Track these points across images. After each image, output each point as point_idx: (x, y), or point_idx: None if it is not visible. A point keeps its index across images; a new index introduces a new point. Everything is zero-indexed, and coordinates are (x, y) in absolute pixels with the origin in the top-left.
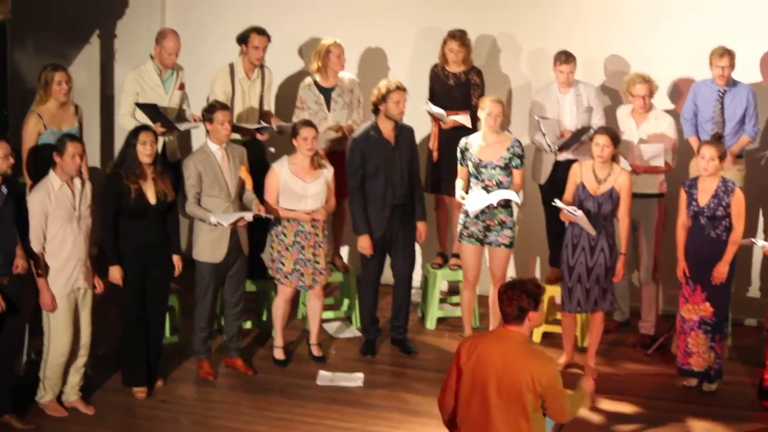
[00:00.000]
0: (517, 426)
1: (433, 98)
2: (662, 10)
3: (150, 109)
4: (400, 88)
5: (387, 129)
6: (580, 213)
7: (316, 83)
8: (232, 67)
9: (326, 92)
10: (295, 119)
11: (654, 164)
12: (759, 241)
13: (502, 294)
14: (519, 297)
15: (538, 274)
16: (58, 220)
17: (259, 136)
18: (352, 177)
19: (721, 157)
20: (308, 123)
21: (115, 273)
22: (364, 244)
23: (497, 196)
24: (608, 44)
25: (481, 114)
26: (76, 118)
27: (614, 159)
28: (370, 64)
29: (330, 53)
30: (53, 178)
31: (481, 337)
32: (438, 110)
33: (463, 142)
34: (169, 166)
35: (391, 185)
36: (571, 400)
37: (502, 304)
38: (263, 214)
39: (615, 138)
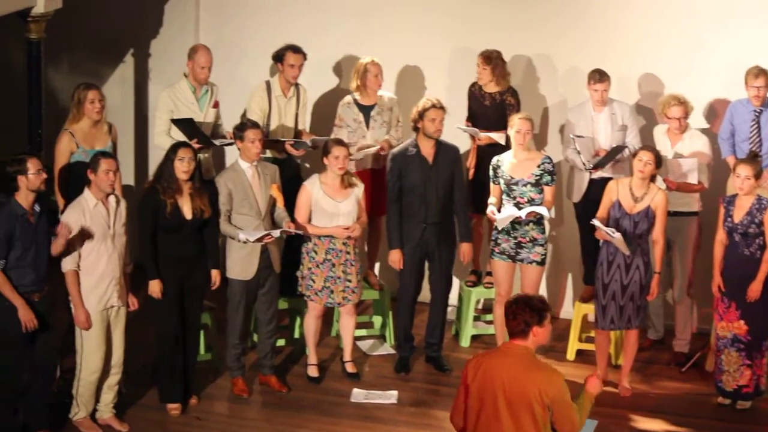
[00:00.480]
0: None
1: (471, 117)
2: (697, 29)
3: (186, 125)
4: (437, 107)
5: (426, 147)
6: (618, 235)
7: (355, 101)
8: (268, 84)
9: (366, 110)
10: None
11: (688, 180)
12: None
13: (507, 309)
14: (523, 311)
15: (570, 292)
16: (93, 238)
17: (293, 152)
18: (389, 191)
19: (757, 176)
20: (339, 142)
21: (155, 287)
22: (394, 258)
23: (525, 210)
24: (643, 63)
25: (511, 131)
26: (109, 137)
27: (652, 179)
28: (406, 82)
29: (367, 72)
30: (88, 197)
31: (486, 354)
32: (470, 129)
33: (495, 160)
34: (206, 183)
35: (426, 203)
36: (579, 408)
37: (507, 318)
38: (293, 230)
39: (658, 158)
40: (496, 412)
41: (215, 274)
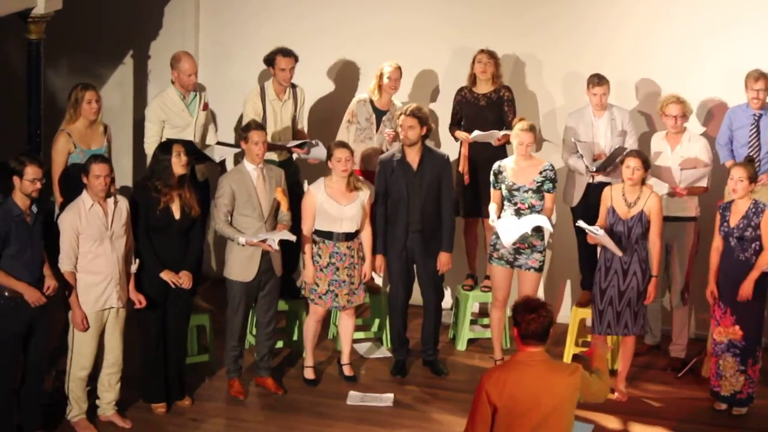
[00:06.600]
0: None
1: (463, 122)
2: (696, 33)
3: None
4: (405, 114)
5: (411, 153)
6: (601, 232)
7: (371, 101)
8: (262, 88)
9: (379, 114)
10: (343, 131)
11: (697, 185)
12: None
13: (529, 315)
14: (548, 313)
15: (568, 297)
16: (90, 239)
17: (299, 153)
18: (376, 195)
19: (751, 179)
20: (342, 144)
21: (167, 276)
22: (376, 263)
23: (530, 224)
24: (641, 68)
25: (513, 141)
26: (105, 137)
27: (643, 182)
28: (402, 86)
29: (383, 75)
30: (85, 198)
31: (504, 368)
32: (485, 134)
33: (496, 165)
34: (199, 186)
35: (409, 209)
36: (599, 374)
37: (530, 324)
38: (288, 236)
39: (645, 162)
40: (532, 424)
41: (184, 275)
